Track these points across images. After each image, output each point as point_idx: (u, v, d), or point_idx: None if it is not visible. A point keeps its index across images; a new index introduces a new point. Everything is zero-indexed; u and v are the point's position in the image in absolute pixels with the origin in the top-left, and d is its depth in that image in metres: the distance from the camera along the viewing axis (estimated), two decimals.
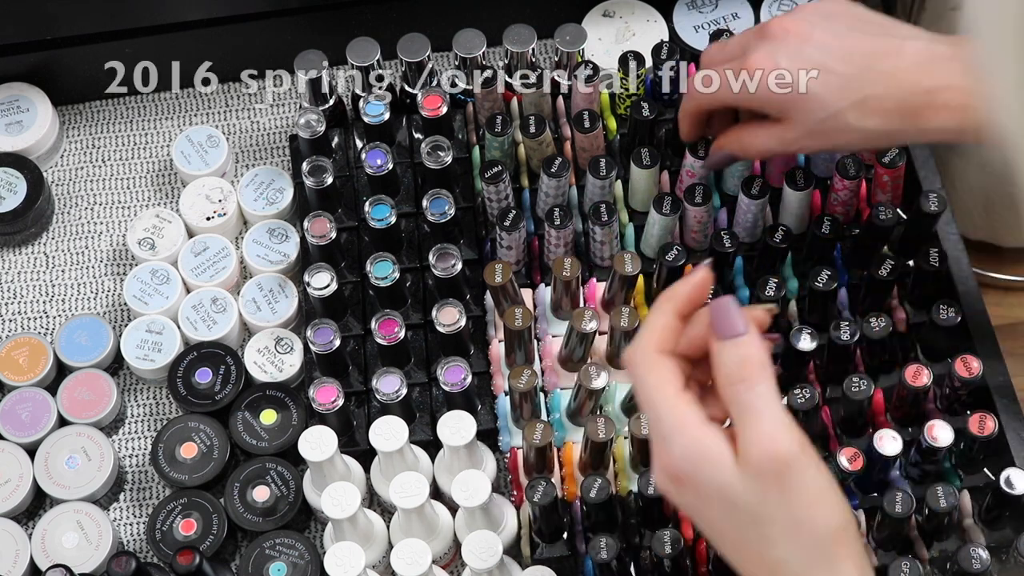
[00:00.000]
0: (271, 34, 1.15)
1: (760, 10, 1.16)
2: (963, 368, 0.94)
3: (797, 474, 0.70)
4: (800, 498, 0.70)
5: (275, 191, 1.11)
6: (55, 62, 1.15)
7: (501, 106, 1.08)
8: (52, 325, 1.10)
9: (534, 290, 1.03)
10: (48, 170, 1.16)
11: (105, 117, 1.18)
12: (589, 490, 0.91)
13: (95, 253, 1.13)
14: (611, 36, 1.16)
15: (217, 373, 1.04)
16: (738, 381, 0.71)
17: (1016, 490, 0.91)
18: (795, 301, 1.01)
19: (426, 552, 0.91)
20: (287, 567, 0.97)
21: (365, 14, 1.14)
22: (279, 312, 1.07)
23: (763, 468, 0.70)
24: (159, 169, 1.16)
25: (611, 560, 0.89)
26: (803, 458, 0.70)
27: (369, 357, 1.03)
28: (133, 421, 1.07)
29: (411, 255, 1.06)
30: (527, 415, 0.97)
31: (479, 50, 1.08)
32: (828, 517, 0.71)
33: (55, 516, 1.01)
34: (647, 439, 0.93)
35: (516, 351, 0.98)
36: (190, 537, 0.99)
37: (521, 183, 1.07)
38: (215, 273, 1.08)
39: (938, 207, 0.99)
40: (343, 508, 0.92)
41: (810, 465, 0.71)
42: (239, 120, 1.18)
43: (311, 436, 0.95)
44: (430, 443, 0.99)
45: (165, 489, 1.05)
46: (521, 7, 1.13)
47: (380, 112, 1.06)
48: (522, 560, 0.97)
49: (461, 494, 0.92)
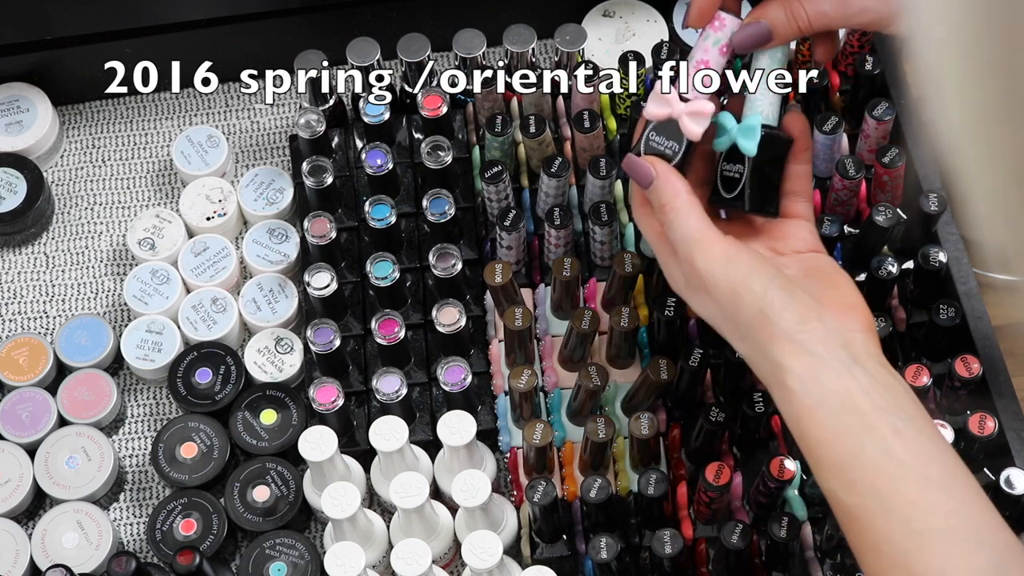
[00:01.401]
0: (271, 34, 1.15)
1: None
2: (963, 368, 0.94)
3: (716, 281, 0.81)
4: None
5: (275, 191, 1.11)
6: (55, 62, 1.15)
7: (501, 106, 1.08)
8: (52, 325, 1.10)
9: (534, 290, 1.03)
10: (48, 170, 1.16)
11: (105, 117, 1.18)
12: (589, 490, 0.91)
13: (95, 253, 1.13)
14: (611, 36, 1.16)
15: (217, 373, 1.04)
16: (657, 233, 0.84)
17: (1016, 490, 0.91)
18: None
19: (426, 552, 0.91)
20: (287, 567, 0.97)
21: (365, 14, 1.14)
22: (279, 312, 1.07)
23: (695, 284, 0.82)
24: (159, 169, 1.16)
25: (611, 560, 0.89)
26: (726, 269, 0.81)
27: (369, 357, 1.03)
28: (133, 421, 1.07)
29: (411, 255, 1.06)
30: (527, 415, 0.97)
31: (479, 50, 1.08)
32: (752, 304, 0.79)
33: (55, 516, 1.01)
34: (647, 439, 0.93)
35: (516, 351, 0.98)
36: (190, 537, 0.99)
37: (521, 183, 1.07)
38: (215, 273, 1.08)
39: (938, 207, 0.99)
40: (343, 508, 0.92)
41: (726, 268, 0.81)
42: (239, 120, 1.18)
43: (311, 436, 0.95)
44: (430, 443, 0.99)
45: (165, 489, 1.05)
46: (521, 7, 1.13)
47: (380, 112, 1.07)
48: (522, 560, 0.97)
49: (461, 494, 0.92)
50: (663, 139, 0.85)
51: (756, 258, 0.81)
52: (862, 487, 0.75)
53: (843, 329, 0.78)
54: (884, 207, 0.99)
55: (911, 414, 0.76)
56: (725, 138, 0.85)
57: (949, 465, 0.75)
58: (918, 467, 0.74)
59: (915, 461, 0.74)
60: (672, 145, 0.85)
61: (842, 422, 0.76)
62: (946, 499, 0.74)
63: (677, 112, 0.84)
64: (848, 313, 0.80)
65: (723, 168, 0.86)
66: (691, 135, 0.84)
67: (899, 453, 0.74)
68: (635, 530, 0.95)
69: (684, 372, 0.95)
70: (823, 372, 0.77)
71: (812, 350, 0.77)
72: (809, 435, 0.77)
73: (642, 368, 0.97)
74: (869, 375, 0.77)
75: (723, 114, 0.85)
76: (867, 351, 0.78)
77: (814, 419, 0.76)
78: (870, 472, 0.74)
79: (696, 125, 0.84)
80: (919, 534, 0.73)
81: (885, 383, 0.77)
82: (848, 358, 0.77)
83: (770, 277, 0.80)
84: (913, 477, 0.74)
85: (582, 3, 1.17)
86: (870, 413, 0.75)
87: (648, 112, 0.85)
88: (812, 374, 0.77)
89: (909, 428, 0.75)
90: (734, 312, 0.80)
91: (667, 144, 0.85)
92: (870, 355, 0.78)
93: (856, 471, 0.75)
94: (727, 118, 0.85)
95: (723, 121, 0.85)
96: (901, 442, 0.75)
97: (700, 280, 0.81)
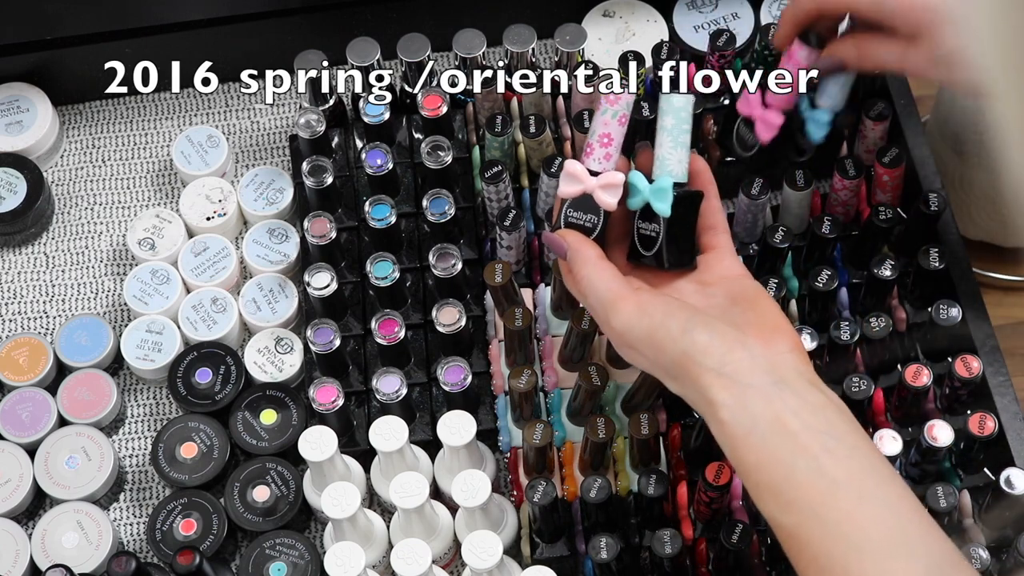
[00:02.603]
0: (271, 34, 1.15)
1: (760, 10, 1.16)
2: (963, 368, 0.94)
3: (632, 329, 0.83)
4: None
5: (275, 191, 1.11)
6: (55, 62, 1.15)
7: (501, 106, 1.08)
8: (52, 325, 1.10)
9: (534, 290, 1.03)
10: (48, 170, 1.16)
11: (105, 117, 1.18)
12: (589, 490, 0.91)
13: (95, 253, 1.13)
14: (611, 36, 1.16)
15: (217, 373, 1.04)
16: (581, 296, 0.86)
17: (1016, 490, 0.91)
18: (795, 301, 1.01)
19: (426, 552, 0.91)
20: (287, 567, 0.97)
21: (365, 14, 1.14)
22: (279, 312, 1.07)
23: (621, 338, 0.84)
24: (159, 169, 1.16)
25: (611, 560, 0.89)
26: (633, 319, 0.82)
27: (369, 357, 1.03)
28: (133, 421, 1.07)
29: (411, 255, 1.06)
30: (527, 415, 0.97)
31: (479, 50, 1.08)
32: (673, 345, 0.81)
33: (55, 516, 1.01)
34: (647, 439, 0.93)
35: (516, 351, 0.98)
36: (190, 537, 0.99)
37: (521, 183, 1.07)
38: (215, 273, 1.08)
39: (938, 207, 0.99)
40: (343, 508, 0.92)
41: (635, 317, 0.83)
42: (239, 120, 1.18)
43: (311, 436, 0.95)
44: (430, 443, 0.99)
45: (165, 489, 1.05)
46: (521, 7, 1.13)
47: (380, 112, 1.06)
48: (522, 560, 0.97)
49: (461, 494, 0.92)
50: (581, 214, 0.88)
51: (669, 303, 0.82)
52: (797, 506, 0.75)
53: (769, 354, 0.79)
54: (884, 207, 0.99)
55: (842, 431, 0.77)
56: (638, 198, 0.87)
57: (884, 479, 0.76)
58: (852, 483, 0.75)
59: (848, 477, 0.75)
60: (591, 218, 0.87)
61: (774, 445, 0.76)
62: (882, 512, 0.74)
63: (590, 187, 0.87)
64: (773, 336, 0.80)
65: (639, 226, 0.88)
66: (606, 207, 0.87)
67: (831, 471, 0.75)
68: (635, 530, 0.95)
69: None
70: (752, 400, 0.77)
71: (739, 380, 0.78)
72: (745, 462, 0.77)
73: None
74: (799, 396, 0.77)
75: (634, 173, 0.87)
76: (796, 371, 0.79)
77: (748, 446, 0.77)
78: (804, 491, 0.75)
79: (610, 196, 0.86)
80: (857, 548, 0.73)
81: (815, 402, 0.78)
82: (775, 382, 0.78)
83: (687, 318, 0.81)
84: (846, 493, 0.75)
85: (582, 3, 1.17)
86: (800, 433, 0.76)
87: (562, 191, 0.88)
88: (741, 403, 0.77)
89: (840, 446, 0.76)
90: (659, 358, 0.82)
91: (586, 218, 0.87)
92: (800, 374, 0.79)
93: (791, 491, 0.75)
94: (638, 178, 0.87)
95: (635, 181, 0.87)
96: (833, 460, 0.75)
97: (621, 339, 0.83)
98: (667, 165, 0.86)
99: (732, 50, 1.05)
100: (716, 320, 0.81)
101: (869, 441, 0.78)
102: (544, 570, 0.91)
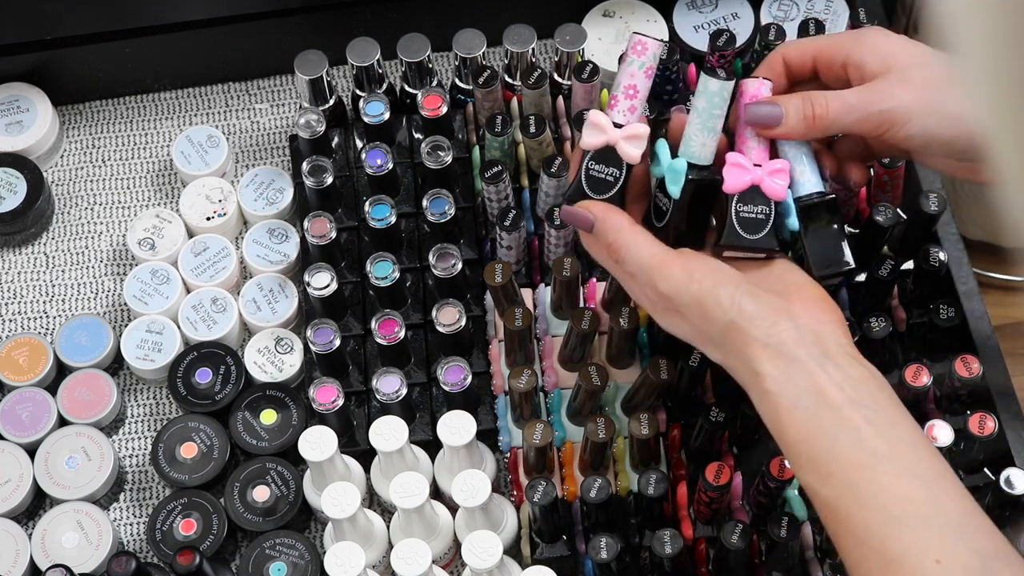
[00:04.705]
0: (271, 34, 1.15)
1: (760, 10, 1.16)
2: (963, 368, 0.94)
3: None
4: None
5: (275, 191, 1.11)
6: (55, 62, 1.15)
7: (501, 106, 1.08)
8: (52, 325, 1.10)
9: (534, 290, 1.03)
10: (48, 170, 1.16)
11: (105, 117, 1.18)
12: (589, 490, 0.91)
13: (95, 253, 1.13)
14: (611, 36, 1.16)
15: (217, 373, 1.04)
16: (614, 264, 0.84)
17: (1016, 490, 0.91)
18: None
19: (426, 552, 0.91)
20: (287, 567, 0.97)
21: (365, 14, 1.14)
22: (279, 312, 1.07)
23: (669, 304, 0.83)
24: (159, 169, 1.16)
25: (611, 560, 0.89)
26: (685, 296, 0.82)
27: (369, 357, 1.03)
28: (133, 421, 1.07)
29: (411, 255, 1.06)
30: (527, 415, 0.97)
31: (479, 50, 1.08)
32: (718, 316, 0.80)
33: (55, 516, 1.01)
34: (647, 439, 0.93)
35: (516, 351, 0.98)
36: (190, 537, 0.99)
37: (521, 183, 1.07)
38: (215, 273, 1.08)
39: (938, 207, 0.99)
40: (343, 508, 0.92)
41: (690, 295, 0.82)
42: (239, 120, 1.18)
43: (311, 436, 0.95)
44: (430, 443, 0.99)
45: (165, 489, 1.05)
46: (521, 7, 1.13)
47: (380, 112, 1.07)
48: (522, 560, 0.97)
49: (461, 494, 0.92)
50: (603, 167, 0.86)
51: (717, 269, 0.82)
52: (837, 479, 0.76)
53: (813, 324, 0.80)
54: (884, 207, 0.99)
55: (884, 405, 0.77)
56: (658, 169, 0.86)
57: (924, 454, 0.76)
58: (892, 456, 0.75)
59: (889, 450, 0.76)
60: (613, 172, 0.86)
61: (816, 418, 0.77)
62: (922, 486, 0.75)
63: (614, 138, 0.85)
64: (816, 306, 0.81)
65: (656, 195, 0.87)
66: (630, 159, 0.85)
67: (872, 444, 0.76)
68: (635, 530, 0.95)
69: (684, 372, 0.95)
70: (797, 372, 0.78)
71: (786, 352, 0.78)
72: (787, 433, 0.78)
73: (642, 368, 0.96)
74: (841, 369, 0.78)
75: (660, 142, 0.86)
76: (838, 343, 0.79)
77: (792, 418, 0.77)
78: (844, 463, 0.76)
79: (634, 148, 0.85)
80: (897, 519, 0.74)
81: (857, 376, 0.78)
82: (820, 354, 0.78)
83: (736, 286, 0.81)
84: (886, 467, 0.75)
85: (582, 3, 1.17)
86: (843, 406, 0.77)
87: (585, 142, 0.86)
88: (786, 375, 0.78)
89: (882, 419, 0.77)
90: (705, 326, 0.81)
91: (608, 171, 0.86)
92: (840, 347, 0.79)
93: (831, 464, 0.76)
94: (662, 148, 0.86)
95: (659, 151, 0.86)
96: (874, 432, 0.76)
97: (667, 303, 0.83)
98: (691, 147, 0.84)
99: (732, 50, 1.05)
100: (760, 289, 0.81)
101: (909, 416, 0.78)
102: (544, 570, 0.91)
